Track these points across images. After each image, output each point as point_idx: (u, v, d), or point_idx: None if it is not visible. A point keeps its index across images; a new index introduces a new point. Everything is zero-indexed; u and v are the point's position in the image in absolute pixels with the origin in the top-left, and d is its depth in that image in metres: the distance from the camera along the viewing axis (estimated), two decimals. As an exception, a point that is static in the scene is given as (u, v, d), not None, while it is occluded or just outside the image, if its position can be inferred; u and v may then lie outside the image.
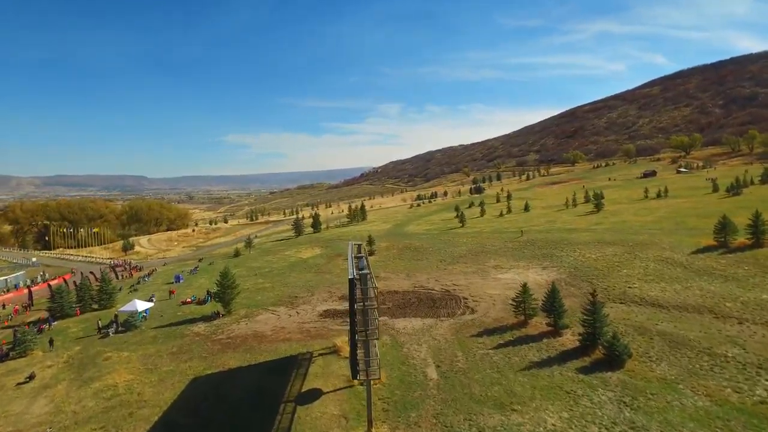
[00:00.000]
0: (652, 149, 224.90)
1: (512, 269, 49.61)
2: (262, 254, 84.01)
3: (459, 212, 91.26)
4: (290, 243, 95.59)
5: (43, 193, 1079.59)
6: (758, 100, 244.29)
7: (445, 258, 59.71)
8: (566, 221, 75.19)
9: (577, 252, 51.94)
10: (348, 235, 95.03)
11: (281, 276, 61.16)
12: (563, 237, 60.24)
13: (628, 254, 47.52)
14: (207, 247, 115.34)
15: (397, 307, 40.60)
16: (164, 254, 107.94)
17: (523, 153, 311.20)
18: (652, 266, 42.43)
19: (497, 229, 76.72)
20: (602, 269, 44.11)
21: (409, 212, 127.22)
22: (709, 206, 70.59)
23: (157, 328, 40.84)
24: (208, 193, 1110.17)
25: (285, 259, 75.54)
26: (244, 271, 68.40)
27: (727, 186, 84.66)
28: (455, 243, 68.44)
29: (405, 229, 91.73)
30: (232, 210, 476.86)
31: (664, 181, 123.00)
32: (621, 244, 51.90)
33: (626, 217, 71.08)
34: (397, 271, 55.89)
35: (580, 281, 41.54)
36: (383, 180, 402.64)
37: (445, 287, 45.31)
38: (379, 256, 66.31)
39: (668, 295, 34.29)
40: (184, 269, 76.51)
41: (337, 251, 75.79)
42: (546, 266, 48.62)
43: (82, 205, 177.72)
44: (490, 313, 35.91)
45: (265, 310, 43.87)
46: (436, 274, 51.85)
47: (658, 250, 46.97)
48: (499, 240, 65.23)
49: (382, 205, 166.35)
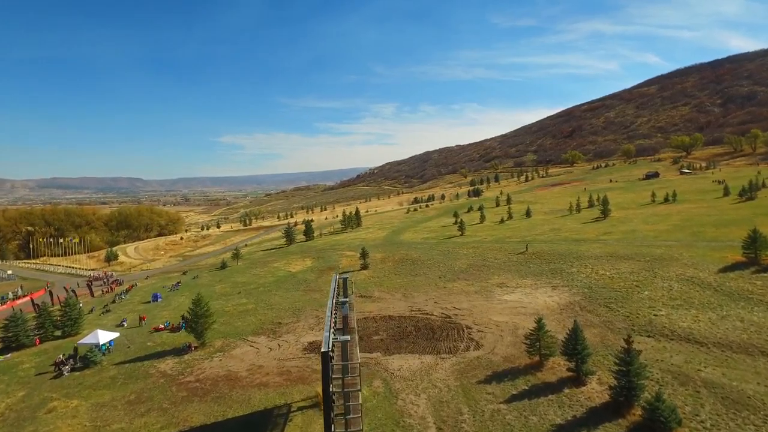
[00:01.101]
0: (651, 149, 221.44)
1: (519, 289, 45.04)
2: (250, 266, 79.13)
3: (458, 219, 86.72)
4: (281, 253, 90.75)
5: (37, 196, 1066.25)
6: (757, 99, 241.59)
7: (445, 273, 55.09)
8: (572, 229, 70.77)
9: (588, 268, 47.45)
10: (342, 243, 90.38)
11: (266, 294, 56.32)
12: (571, 249, 55.75)
13: (647, 271, 43.06)
14: (195, 256, 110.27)
15: (392, 338, 35.90)
16: (149, 265, 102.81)
17: (521, 153, 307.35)
18: (676, 287, 37.96)
19: (499, 238, 72.20)
20: (620, 290, 39.60)
21: (405, 217, 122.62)
22: (725, 213, 66.37)
23: (120, 364, 35.95)
24: (204, 195, 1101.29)
25: (273, 272, 70.71)
26: (228, 288, 63.62)
27: (739, 189, 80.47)
28: (455, 255, 63.85)
29: (402, 238, 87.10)
30: (227, 213, 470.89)
31: (669, 183, 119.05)
32: (636, 259, 47.47)
33: (636, 225, 66.71)
34: (392, 289, 51.20)
35: (597, 305, 37.00)
36: (379, 181, 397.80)
37: (445, 312, 40.68)
38: (374, 271, 61.64)
39: (704, 327, 29.78)
40: (165, 285, 71.54)
41: (328, 264, 71.05)
42: (556, 285, 44.07)
43: (67, 212, 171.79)
44: (498, 348, 31.27)
45: (244, 340, 39.06)
46: (436, 293, 47.21)
47: (680, 267, 42.55)
48: (502, 252, 60.67)
49: (378, 210, 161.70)
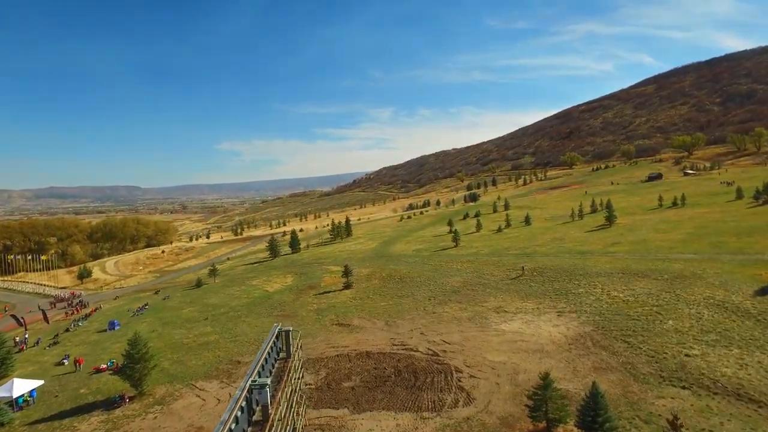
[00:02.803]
0: (652, 149, 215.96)
1: (518, 315, 38.79)
2: (227, 284, 72.83)
3: (452, 228, 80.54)
4: (263, 268, 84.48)
5: (34, 206, 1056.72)
6: (757, 97, 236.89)
7: (436, 294, 48.85)
8: (576, 239, 64.65)
9: (598, 288, 41.28)
10: (328, 257, 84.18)
11: (234, 321, 49.97)
12: (577, 264, 49.60)
13: (667, 293, 36.90)
14: (173, 272, 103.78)
15: (366, 385, 29.59)
16: (124, 282, 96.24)
17: (518, 156, 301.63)
18: (707, 315, 31.78)
19: (496, 249, 66.03)
20: (638, 318, 33.40)
21: (398, 226, 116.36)
22: (743, 219, 60.32)
23: (36, 423, 29.54)
24: (202, 202, 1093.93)
25: (249, 292, 64.40)
26: (196, 312, 57.29)
27: (753, 192, 74.56)
28: (448, 271, 57.64)
29: (392, 249, 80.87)
30: (222, 221, 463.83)
31: (674, 185, 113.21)
32: (653, 277, 41.33)
33: (646, 234, 60.62)
34: (375, 315, 44.90)
35: (613, 339, 30.77)
36: (376, 186, 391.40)
37: (432, 347, 34.39)
38: (357, 291, 55.37)
39: (756, 377, 23.55)
40: (130, 307, 65.13)
41: (310, 281, 64.84)
42: (562, 310, 37.84)
43: (47, 225, 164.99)
44: (493, 404, 24.98)
45: (192, 387, 32.68)
46: (423, 321, 40.92)
47: (707, 288, 36.40)
48: (499, 267, 54.46)
49: (371, 217, 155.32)
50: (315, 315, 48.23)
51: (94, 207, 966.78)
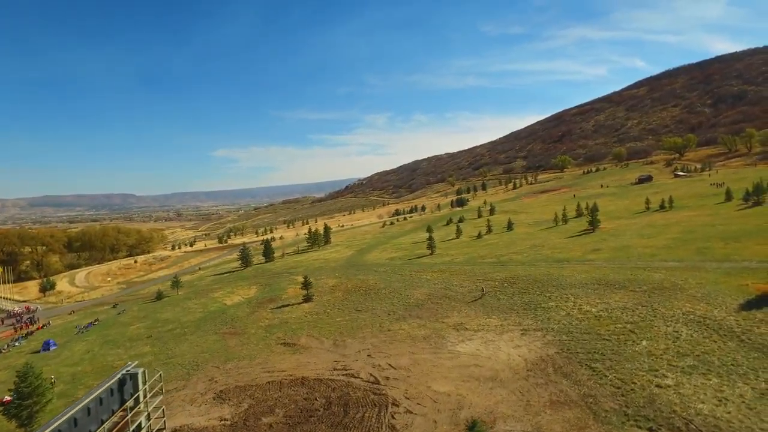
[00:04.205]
0: (643, 152, 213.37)
1: (479, 333, 34.59)
2: (189, 296, 68.44)
3: (430, 235, 76.49)
4: (231, 278, 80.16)
5: (29, 214, 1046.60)
6: (748, 98, 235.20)
7: (397, 308, 44.63)
8: (555, 246, 60.63)
9: (570, 301, 37.18)
10: (300, 266, 79.92)
11: (177, 340, 45.56)
12: (551, 274, 45.55)
13: (644, 307, 32.84)
14: (142, 283, 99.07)
15: (288, 421, 25.26)
16: (88, 294, 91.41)
17: (510, 159, 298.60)
18: (685, 334, 27.71)
19: (471, 257, 61.95)
20: (609, 338, 29.28)
21: (379, 232, 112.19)
22: (731, 222, 56.51)
23: None
24: (198, 209, 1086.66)
25: (205, 306, 59.98)
26: (143, 328, 52.82)
27: (743, 193, 70.95)
28: (416, 281, 53.49)
29: (366, 258, 76.69)
30: (213, 228, 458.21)
31: (664, 188, 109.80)
32: (631, 288, 37.29)
33: (629, 239, 56.67)
34: (326, 332, 40.60)
35: (577, 365, 26.60)
36: (368, 192, 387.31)
37: (375, 372, 30.13)
38: (317, 304, 51.14)
39: (737, 416, 19.39)
40: (79, 324, 60.58)
41: (272, 293, 60.56)
42: (527, 328, 33.65)
43: (21, 235, 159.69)
44: (424, 450, 20.75)
45: (93, 425, 28.25)
46: (375, 340, 36.65)
47: (687, 301, 32.37)
48: (470, 278, 50.33)
49: (355, 224, 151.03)
50: (263, 332, 43.90)
51: (89, 215, 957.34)
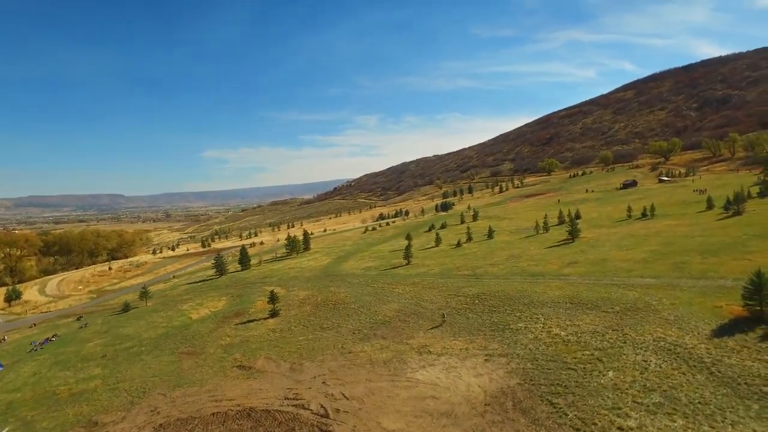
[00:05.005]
0: (629, 155, 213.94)
1: (442, 357, 32.67)
2: (156, 308, 65.80)
3: (408, 244, 74.64)
4: (204, 288, 77.55)
5: (13, 215, 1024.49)
6: (731, 102, 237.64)
7: (363, 325, 42.63)
8: (533, 257, 59.06)
9: (539, 322, 35.44)
10: (275, 275, 77.61)
11: (131, 360, 43.02)
12: (525, 290, 43.85)
13: (615, 331, 31.18)
14: (115, 291, 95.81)
15: (222, 468, 23.11)
16: (56, 304, 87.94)
17: (498, 162, 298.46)
18: (653, 364, 26.05)
19: (447, 269, 60.16)
20: (575, 367, 27.53)
21: (360, 239, 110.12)
22: (711, 233, 55.39)
23: None
24: (187, 210, 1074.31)
25: (171, 319, 57.44)
26: (99, 347, 50.10)
27: (724, 201, 70.12)
28: (387, 295, 51.54)
29: (342, 267, 74.58)
30: (200, 230, 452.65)
31: (647, 193, 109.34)
32: (603, 309, 35.68)
33: (608, 251, 55.26)
34: (286, 354, 38.41)
35: (538, 400, 24.76)
36: (356, 194, 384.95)
37: (327, 403, 28.03)
38: (283, 319, 48.97)
39: (698, 471, 17.68)
40: (35, 340, 57.53)
41: (240, 306, 58.18)
42: (492, 353, 31.80)
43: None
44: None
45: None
46: (333, 364, 34.55)
47: (659, 325, 30.79)
48: (442, 293, 48.48)
49: (338, 228, 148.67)
50: (222, 352, 41.58)
51: (76, 216, 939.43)
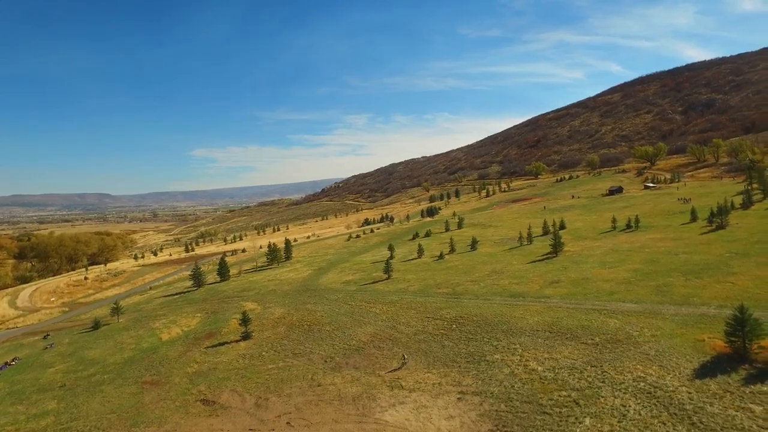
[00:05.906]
0: (616, 159, 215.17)
1: (414, 393, 30.92)
2: (128, 326, 63.21)
3: (389, 257, 72.89)
4: (180, 302, 74.88)
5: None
6: (716, 107, 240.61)
7: (336, 351, 40.76)
8: (515, 274, 57.66)
9: (517, 354, 33.88)
10: (253, 288, 75.35)
11: (90, 392, 40.54)
12: (503, 314, 42.35)
13: (594, 368, 29.73)
14: (87, 304, 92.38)
15: None
16: (24, 319, 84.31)
17: (486, 164, 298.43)
18: (632, 410, 24.58)
19: (427, 285, 58.49)
20: (550, 411, 25.97)
21: (344, 247, 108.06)
22: (695, 249, 54.55)
23: None
24: (175, 209, 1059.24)
25: (141, 340, 54.98)
26: (60, 373, 47.54)
27: (708, 213, 69.45)
28: (364, 315, 49.70)
29: (322, 281, 72.52)
30: (187, 231, 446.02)
31: (633, 201, 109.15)
32: (583, 339, 34.26)
33: (590, 269, 54.06)
34: (250, 386, 36.31)
35: (511, 452, 23.13)
36: (344, 195, 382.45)
37: (287, 454, 26.12)
38: (255, 342, 46.86)
39: None
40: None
41: (213, 326, 55.87)
42: (465, 391, 30.12)
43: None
44: None
45: None
46: (300, 400, 32.60)
47: (640, 362, 29.40)
48: (419, 314, 46.79)
49: (322, 234, 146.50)
50: (187, 382, 39.33)
51: (61, 215, 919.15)
